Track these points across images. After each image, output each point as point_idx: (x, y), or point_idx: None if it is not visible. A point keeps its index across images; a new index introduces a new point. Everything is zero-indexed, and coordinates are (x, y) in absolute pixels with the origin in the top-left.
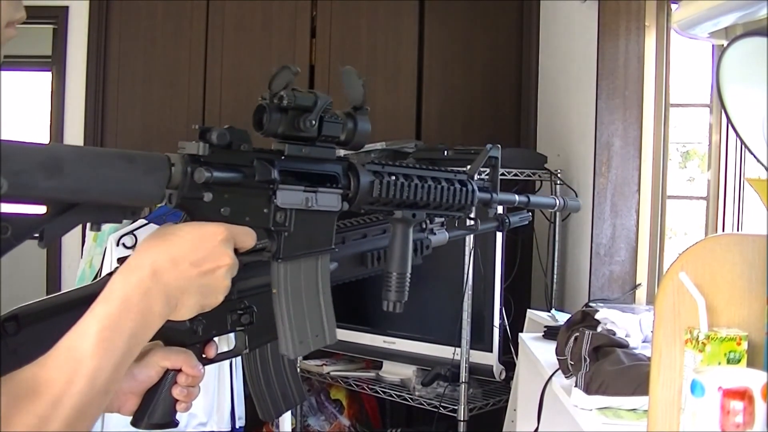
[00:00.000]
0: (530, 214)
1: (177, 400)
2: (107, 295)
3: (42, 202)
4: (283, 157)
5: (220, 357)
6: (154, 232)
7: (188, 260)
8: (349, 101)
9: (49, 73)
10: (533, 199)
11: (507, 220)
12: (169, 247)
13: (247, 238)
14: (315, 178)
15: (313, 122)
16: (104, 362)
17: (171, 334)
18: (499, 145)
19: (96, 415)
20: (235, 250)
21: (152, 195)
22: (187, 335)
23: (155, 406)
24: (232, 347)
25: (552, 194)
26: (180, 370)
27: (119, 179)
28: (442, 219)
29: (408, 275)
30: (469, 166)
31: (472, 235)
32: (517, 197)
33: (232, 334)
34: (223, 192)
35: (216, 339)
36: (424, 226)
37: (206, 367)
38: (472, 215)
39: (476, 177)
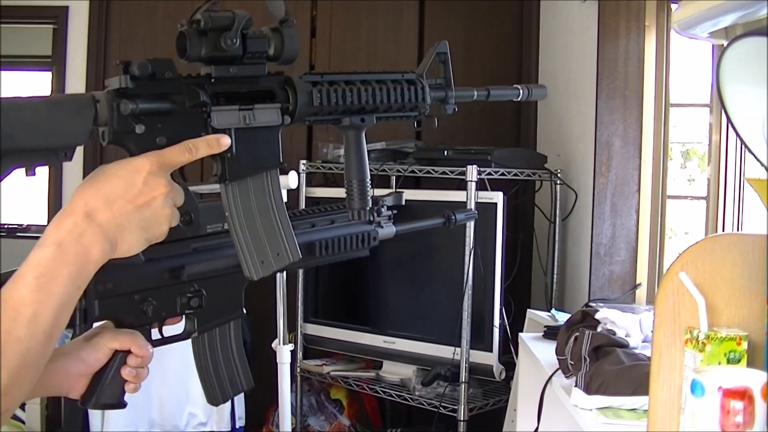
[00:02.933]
0: (476, 212)
1: (126, 381)
2: (42, 242)
3: None
4: (212, 80)
5: (170, 339)
6: (87, 177)
7: (122, 197)
8: (273, 17)
9: (49, 73)
10: (494, 91)
11: (453, 217)
12: (101, 187)
13: (179, 154)
14: (250, 96)
15: (235, 40)
16: (42, 308)
17: (120, 316)
18: (445, 41)
19: (41, 363)
20: (183, 177)
21: (80, 134)
22: (137, 317)
23: (104, 387)
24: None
25: (551, 191)
26: (129, 352)
27: (46, 123)
28: (389, 213)
29: (368, 181)
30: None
31: (471, 235)
32: (475, 91)
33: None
34: (155, 122)
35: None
36: (371, 218)
37: None
38: (428, 113)
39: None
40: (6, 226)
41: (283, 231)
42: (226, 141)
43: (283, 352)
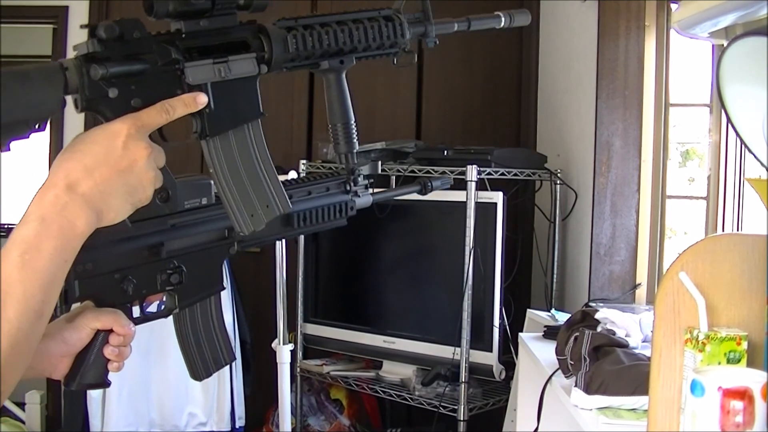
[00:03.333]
0: (451, 179)
1: (109, 360)
2: (24, 218)
3: None
4: (183, 36)
5: (151, 316)
6: (66, 146)
7: (102, 164)
8: None
9: None
10: (474, 22)
11: (429, 184)
12: (80, 157)
13: (156, 115)
14: (223, 48)
15: None
16: (30, 286)
17: (101, 296)
18: None
19: (33, 341)
20: (162, 137)
21: (51, 103)
22: (117, 296)
23: (87, 367)
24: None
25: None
26: (111, 331)
27: (16, 95)
28: (366, 182)
29: (353, 123)
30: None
31: (472, 235)
32: (456, 23)
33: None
34: (128, 84)
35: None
36: (348, 188)
37: None
38: (408, 48)
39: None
40: (6, 226)
41: (270, 182)
42: (202, 99)
43: (283, 352)
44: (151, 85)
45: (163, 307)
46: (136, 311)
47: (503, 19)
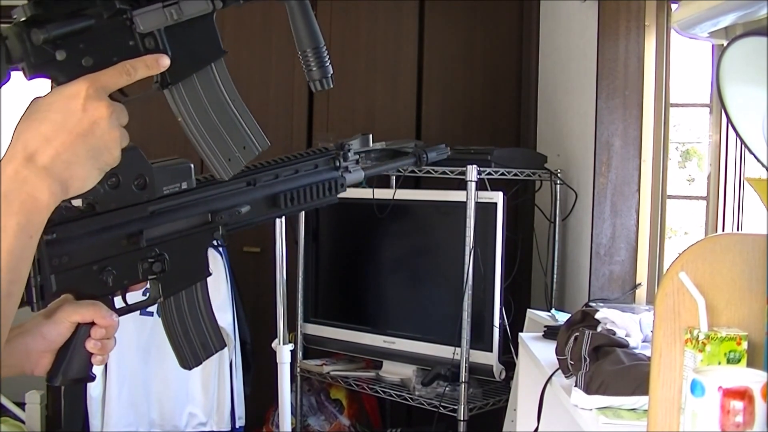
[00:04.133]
0: (448, 150)
1: (92, 354)
2: None
3: None
4: None
5: (135, 306)
6: (23, 115)
7: (61, 130)
8: None
9: None
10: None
11: (424, 155)
12: (38, 125)
13: (116, 76)
14: None
15: None
16: None
17: (80, 289)
18: None
19: (4, 321)
20: (122, 93)
21: None
22: (97, 287)
23: (70, 362)
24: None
25: (552, 200)
26: (92, 324)
27: None
28: (357, 157)
29: (323, 47)
30: None
31: (472, 235)
32: None
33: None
34: (76, 43)
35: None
36: (337, 164)
37: (206, 367)
38: None
39: None
40: None
41: (243, 122)
42: (165, 61)
43: (283, 352)
44: (100, 40)
45: (148, 295)
46: (119, 302)
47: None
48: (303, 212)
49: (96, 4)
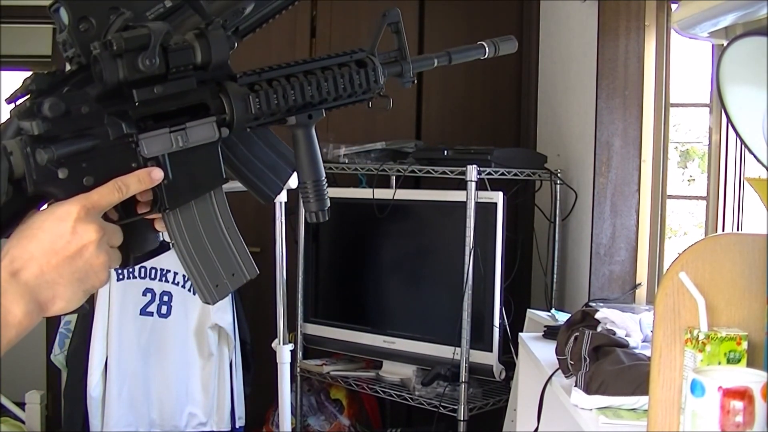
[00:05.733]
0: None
1: None
2: None
3: None
4: (136, 105)
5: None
6: (17, 230)
7: (49, 252)
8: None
9: None
10: (455, 54)
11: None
12: (27, 243)
13: (108, 195)
14: (181, 114)
15: (154, 60)
16: None
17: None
18: (397, 9)
19: None
20: (118, 210)
21: None
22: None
23: None
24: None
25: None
26: None
27: None
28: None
29: (323, 180)
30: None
31: (472, 235)
32: (435, 59)
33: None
34: (78, 162)
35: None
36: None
37: (206, 367)
38: (383, 92)
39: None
40: None
41: (235, 249)
42: (158, 174)
43: (283, 352)
44: (103, 160)
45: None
46: None
47: (487, 48)
48: (303, 212)
49: (103, 123)
